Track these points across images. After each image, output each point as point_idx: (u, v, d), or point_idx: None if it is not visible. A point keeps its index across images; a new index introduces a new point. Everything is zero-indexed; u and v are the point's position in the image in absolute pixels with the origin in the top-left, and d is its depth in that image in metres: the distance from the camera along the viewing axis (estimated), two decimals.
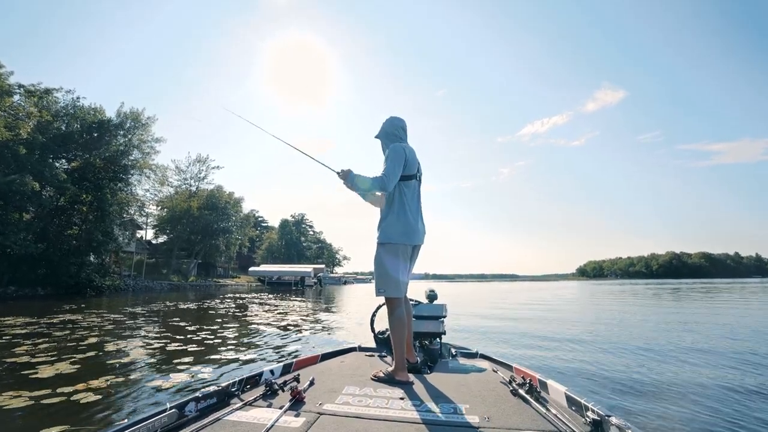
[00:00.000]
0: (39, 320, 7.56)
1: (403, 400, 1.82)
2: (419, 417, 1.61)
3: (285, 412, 1.60)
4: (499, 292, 26.18)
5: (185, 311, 10.25)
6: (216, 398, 1.77)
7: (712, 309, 11.24)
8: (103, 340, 5.21)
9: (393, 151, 2.28)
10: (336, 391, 1.94)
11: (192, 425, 1.48)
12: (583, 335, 6.21)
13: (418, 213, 2.39)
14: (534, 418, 1.60)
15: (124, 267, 31.80)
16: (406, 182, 2.32)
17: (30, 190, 15.51)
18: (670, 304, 14.00)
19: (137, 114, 24.63)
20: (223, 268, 50.40)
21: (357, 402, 1.79)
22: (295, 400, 1.73)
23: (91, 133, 21.14)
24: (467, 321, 8.35)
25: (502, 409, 1.71)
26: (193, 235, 36.00)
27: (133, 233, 28.05)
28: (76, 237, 20.88)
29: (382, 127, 2.50)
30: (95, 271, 21.23)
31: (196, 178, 39.01)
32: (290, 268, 41.86)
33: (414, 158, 2.37)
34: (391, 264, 2.25)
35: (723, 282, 54.47)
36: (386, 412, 1.66)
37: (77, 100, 21.11)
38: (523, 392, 1.84)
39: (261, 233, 72.50)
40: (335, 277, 65.15)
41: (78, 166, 21.73)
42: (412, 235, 2.30)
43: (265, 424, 1.48)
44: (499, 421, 1.56)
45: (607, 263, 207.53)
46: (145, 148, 25.29)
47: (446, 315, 2.97)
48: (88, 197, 20.90)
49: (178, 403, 1.58)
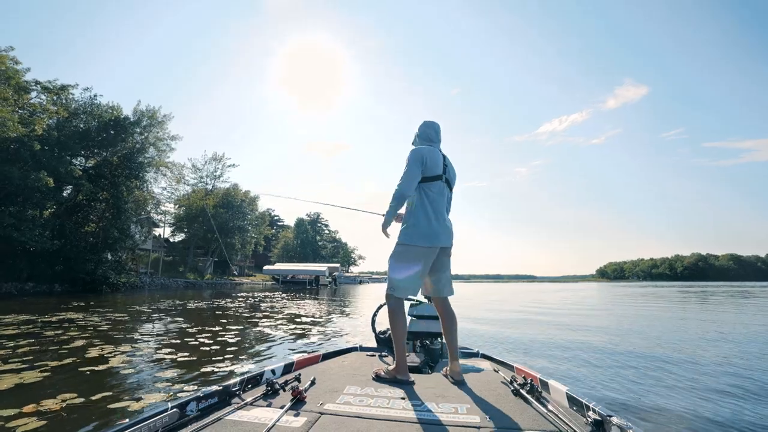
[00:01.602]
0: (38, 318, 7.23)
1: (405, 400, 1.81)
2: (420, 417, 1.61)
3: (286, 411, 1.60)
4: (529, 293, 25.15)
5: (191, 311, 9.84)
6: (217, 398, 1.74)
7: (747, 316, 10.15)
8: (90, 344, 4.73)
9: (410, 155, 2.30)
10: (337, 390, 1.94)
11: (193, 425, 1.48)
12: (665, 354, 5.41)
13: (441, 214, 2.31)
14: (535, 418, 1.59)
15: (141, 264, 32.13)
16: (429, 184, 2.29)
17: (45, 186, 15.50)
18: (703, 308, 12.88)
19: (154, 112, 24.70)
20: (239, 266, 50.78)
21: (358, 402, 1.78)
22: (297, 399, 1.72)
23: (108, 131, 21.19)
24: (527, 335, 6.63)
25: (503, 408, 1.71)
26: (209, 233, 36.10)
27: (149, 231, 28.09)
28: (93, 234, 20.99)
29: (417, 133, 2.52)
30: (111, 268, 21.27)
31: (212, 176, 39.18)
32: (305, 267, 41.57)
33: (437, 159, 2.32)
34: (401, 265, 2.23)
35: (755, 285, 51.57)
36: (387, 412, 1.65)
37: (95, 98, 21.22)
38: (524, 392, 1.84)
39: (277, 232, 72.87)
40: (350, 277, 64.88)
41: (95, 163, 21.86)
42: (433, 238, 2.23)
43: (266, 423, 1.48)
44: (500, 421, 1.56)
45: (628, 265, 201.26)
46: (161, 145, 25.39)
47: None
48: (105, 194, 20.99)
49: (179, 403, 1.56)
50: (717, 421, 2.57)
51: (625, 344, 5.55)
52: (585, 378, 3.66)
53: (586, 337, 6.21)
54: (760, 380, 3.58)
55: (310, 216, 76.20)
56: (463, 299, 18.11)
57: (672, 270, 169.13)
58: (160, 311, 9.50)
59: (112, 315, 8.25)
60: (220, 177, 39.45)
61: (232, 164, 40.07)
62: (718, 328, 7.38)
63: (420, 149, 2.32)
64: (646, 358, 4.56)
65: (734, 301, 16.86)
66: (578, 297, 21.27)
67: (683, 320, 9.06)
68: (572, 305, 14.66)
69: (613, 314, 10.72)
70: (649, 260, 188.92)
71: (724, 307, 12.92)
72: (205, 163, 39.04)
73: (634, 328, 7.49)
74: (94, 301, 12.17)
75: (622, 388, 3.31)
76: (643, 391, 3.24)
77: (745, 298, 18.68)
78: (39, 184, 15.17)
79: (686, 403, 2.92)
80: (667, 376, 3.77)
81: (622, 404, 2.88)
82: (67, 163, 18.09)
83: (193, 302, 12.73)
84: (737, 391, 3.25)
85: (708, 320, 8.92)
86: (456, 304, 2.41)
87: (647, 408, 2.81)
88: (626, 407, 2.82)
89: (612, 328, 7.52)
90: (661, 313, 11.02)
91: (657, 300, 17.97)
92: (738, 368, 4.08)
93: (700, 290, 30.80)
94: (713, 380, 3.61)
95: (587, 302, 16.74)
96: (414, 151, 2.30)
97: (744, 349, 5.18)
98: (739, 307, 12.88)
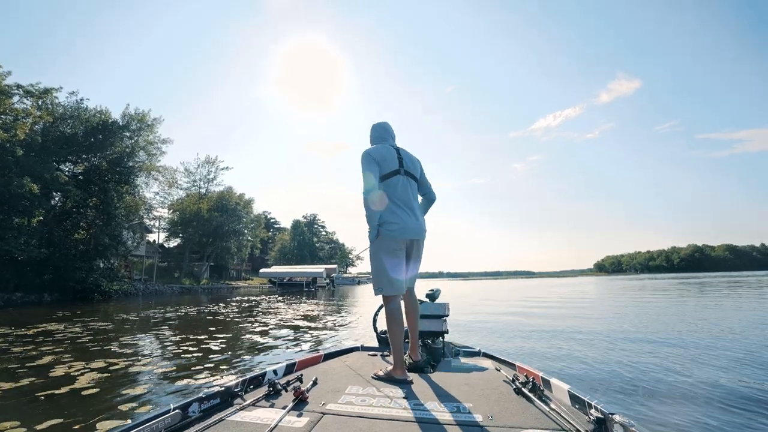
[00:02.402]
0: (14, 331, 6.83)
1: (407, 400, 1.80)
2: (422, 416, 1.60)
3: (288, 412, 1.60)
4: (528, 288, 24.88)
5: (180, 318, 9.46)
6: (219, 399, 1.74)
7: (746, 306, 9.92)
8: (58, 361, 4.35)
9: (361, 163, 2.32)
10: (339, 390, 1.94)
11: (195, 426, 1.47)
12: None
13: (410, 208, 2.33)
14: (537, 416, 1.58)
15: (135, 271, 31.59)
16: (388, 180, 2.30)
17: (29, 193, 15.03)
18: (702, 301, 12.65)
19: (143, 115, 24.21)
20: (235, 270, 50.21)
21: (360, 402, 1.78)
22: (298, 400, 1.72)
23: (95, 135, 20.67)
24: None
25: (506, 407, 1.70)
26: (204, 237, 35.58)
27: (141, 236, 27.55)
28: (83, 241, 20.49)
29: (370, 136, 2.57)
30: (103, 275, 20.77)
31: (205, 179, 38.66)
32: (302, 269, 41.06)
33: (388, 155, 2.35)
34: (382, 262, 2.24)
35: (751, 275, 51.68)
36: (389, 412, 1.65)
37: (81, 102, 20.71)
38: (526, 391, 1.83)
39: (273, 234, 72.30)
40: (349, 278, 64.41)
41: (84, 169, 21.36)
42: (402, 231, 2.25)
43: (268, 424, 1.47)
44: (503, 420, 1.55)
45: (625, 258, 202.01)
46: (151, 149, 24.90)
47: (448, 314, 2.97)
48: (94, 201, 20.50)
49: (181, 404, 1.56)
50: (716, 417, 2.56)
51: (625, 341, 5.26)
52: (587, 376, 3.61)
53: (585, 337, 5.91)
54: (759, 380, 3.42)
55: (306, 218, 75.69)
56: (455, 298, 17.82)
57: (669, 262, 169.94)
58: (148, 319, 9.12)
59: (96, 324, 7.86)
60: (213, 180, 38.93)
61: (225, 167, 39.59)
62: (719, 324, 7.11)
63: (366, 151, 2.35)
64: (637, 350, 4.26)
65: (731, 293, 16.65)
66: (577, 292, 21.02)
67: (679, 315, 8.78)
68: (570, 302, 14.40)
69: (616, 312, 10.44)
70: (646, 253, 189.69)
71: (724, 299, 12.69)
72: (198, 166, 38.54)
73: (643, 325, 7.21)
74: (81, 311, 11.74)
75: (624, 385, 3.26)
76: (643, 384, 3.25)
77: (743, 289, 18.50)
78: (22, 190, 14.69)
79: (687, 399, 2.91)
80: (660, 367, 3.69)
81: (623, 400, 2.87)
82: (52, 168, 17.57)
83: (185, 308, 12.33)
84: (738, 385, 3.21)
85: (707, 318, 8.65)
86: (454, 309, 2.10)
87: (649, 404, 2.80)
88: (627, 404, 2.80)
89: (614, 327, 7.23)
90: (660, 308, 10.76)
91: (654, 294, 17.74)
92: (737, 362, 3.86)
93: (698, 282, 30.67)
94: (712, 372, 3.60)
95: (585, 300, 16.49)
96: (362, 155, 2.34)
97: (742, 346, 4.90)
98: (736, 300, 12.65)
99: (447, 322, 2.93)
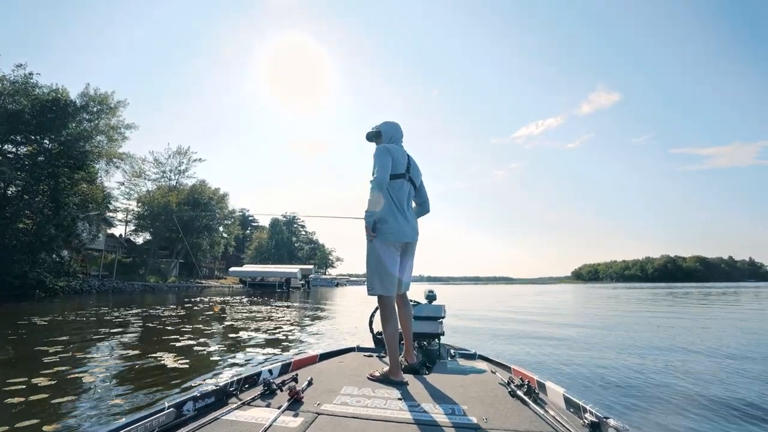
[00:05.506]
0: None
1: (402, 401, 1.79)
2: (417, 417, 1.59)
3: (283, 412, 1.59)
4: (508, 298, 24.00)
5: (119, 322, 7.92)
6: (214, 398, 1.72)
7: (713, 316, 9.17)
8: None
9: (377, 152, 2.31)
10: (334, 391, 1.92)
11: (190, 425, 1.45)
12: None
13: (408, 211, 2.37)
14: (532, 419, 1.58)
15: (93, 266, 29.24)
16: (394, 181, 2.32)
17: None
18: (671, 309, 11.94)
19: (104, 97, 22.28)
20: (208, 269, 47.90)
21: (355, 402, 1.76)
22: (294, 400, 1.71)
23: (44, 114, 18.64)
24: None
25: (501, 410, 1.69)
26: (174, 232, 33.39)
27: (98, 229, 25.34)
28: (27, 232, 18.42)
29: (382, 132, 2.50)
30: (49, 270, 18.73)
31: (176, 171, 36.50)
32: (275, 268, 39.20)
33: (401, 157, 2.37)
34: (379, 262, 2.24)
35: (718, 286, 53.09)
36: (384, 413, 1.64)
37: (30, 76, 18.67)
38: (521, 393, 1.82)
39: (251, 233, 69.96)
40: (327, 279, 62.74)
41: (30, 151, 19.30)
42: (400, 234, 2.28)
43: (263, 423, 1.46)
44: (497, 422, 1.54)
45: (602, 266, 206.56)
46: (113, 134, 22.94)
47: (445, 316, 2.96)
48: (42, 187, 18.49)
49: (175, 402, 1.54)
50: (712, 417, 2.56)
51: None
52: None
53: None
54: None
55: (285, 216, 73.52)
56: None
57: (643, 271, 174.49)
58: (80, 323, 7.56)
59: (11, 330, 6.29)
60: (185, 172, 36.79)
61: (198, 159, 37.50)
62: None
63: (387, 146, 2.34)
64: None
65: (708, 303, 16.17)
66: (557, 301, 20.24)
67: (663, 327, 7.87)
68: (550, 312, 13.50)
69: (598, 321, 9.50)
70: (621, 262, 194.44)
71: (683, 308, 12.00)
72: (169, 156, 36.33)
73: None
74: (13, 311, 10.01)
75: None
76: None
77: (712, 303, 18.11)
78: None
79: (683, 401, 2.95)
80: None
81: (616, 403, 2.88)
82: None
83: (129, 309, 10.70)
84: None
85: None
86: None
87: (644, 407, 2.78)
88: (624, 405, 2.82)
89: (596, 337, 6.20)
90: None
91: (639, 304, 17.12)
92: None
93: (669, 292, 30.51)
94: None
95: (564, 308, 15.68)
96: (380, 148, 2.32)
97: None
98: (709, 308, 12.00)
99: (443, 324, 2.94)
